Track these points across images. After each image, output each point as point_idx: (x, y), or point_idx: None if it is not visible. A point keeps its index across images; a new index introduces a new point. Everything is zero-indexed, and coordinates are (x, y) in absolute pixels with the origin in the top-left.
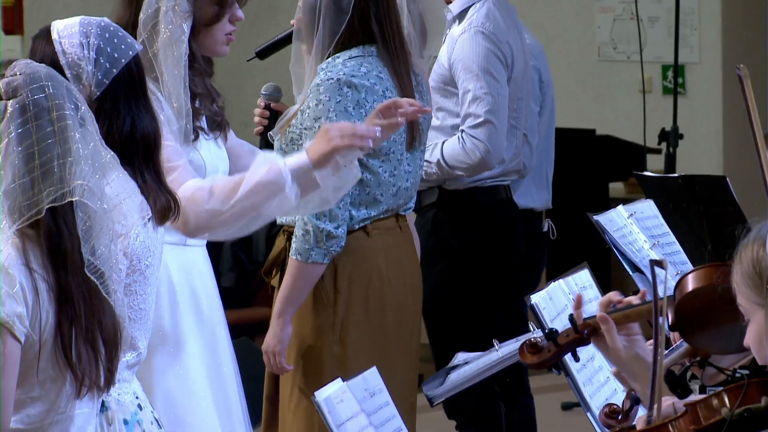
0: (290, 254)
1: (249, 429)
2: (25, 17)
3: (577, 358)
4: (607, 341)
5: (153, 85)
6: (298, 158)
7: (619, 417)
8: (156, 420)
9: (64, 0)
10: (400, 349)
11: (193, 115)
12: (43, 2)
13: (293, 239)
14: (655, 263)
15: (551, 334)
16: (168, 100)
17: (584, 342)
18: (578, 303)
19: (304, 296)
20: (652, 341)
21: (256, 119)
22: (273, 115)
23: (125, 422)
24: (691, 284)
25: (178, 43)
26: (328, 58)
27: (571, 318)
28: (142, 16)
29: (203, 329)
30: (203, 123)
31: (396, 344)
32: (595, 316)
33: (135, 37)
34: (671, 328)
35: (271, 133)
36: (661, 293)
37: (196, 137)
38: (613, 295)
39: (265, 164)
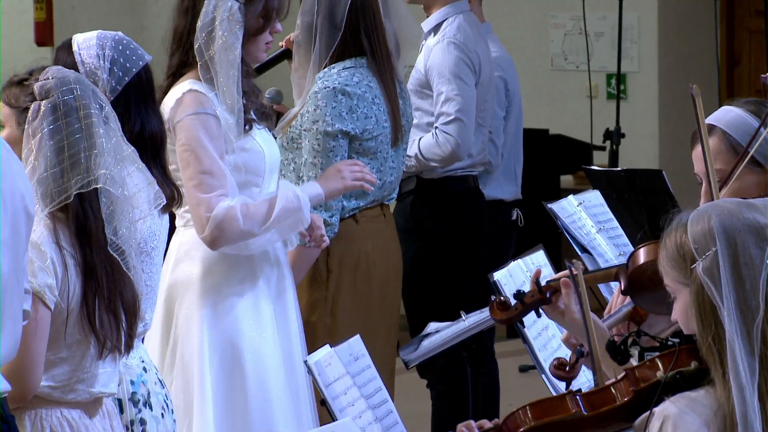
0: None
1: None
2: (55, 31)
3: (539, 315)
4: (565, 301)
5: (207, 86)
6: (312, 190)
7: (567, 369)
8: (160, 381)
9: (89, 16)
10: (383, 320)
11: (244, 111)
12: (71, 18)
13: None
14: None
15: (519, 295)
16: (222, 99)
17: (546, 302)
18: (537, 274)
19: (303, 274)
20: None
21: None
22: (275, 116)
23: (131, 383)
24: (641, 257)
25: (232, 48)
26: (324, 68)
27: (537, 281)
28: (199, 23)
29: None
30: (253, 114)
31: (379, 316)
32: (557, 280)
33: (193, 42)
34: (623, 292)
35: (273, 131)
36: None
37: (250, 128)
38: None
39: (290, 191)
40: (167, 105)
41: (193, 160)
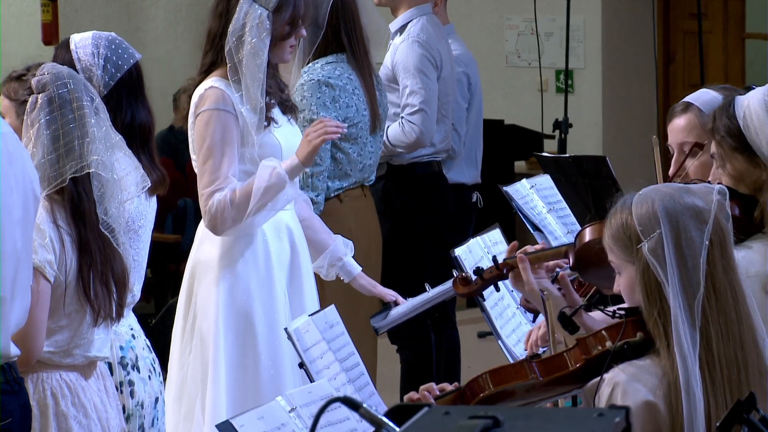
0: None
1: None
2: (60, 31)
3: (498, 289)
4: (523, 277)
5: (224, 82)
6: (291, 161)
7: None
8: (148, 346)
9: (90, 19)
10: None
11: (266, 109)
12: (74, 20)
13: None
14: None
15: (478, 271)
16: (246, 100)
17: (504, 277)
18: (513, 248)
19: None
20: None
21: None
22: None
23: (121, 348)
24: (588, 236)
25: (260, 53)
26: (308, 63)
27: (494, 258)
28: (231, 28)
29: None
30: (275, 112)
31: None
32: (514, 257)
33: (224, 44)
34: (571, 268)
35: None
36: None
37: (268, 125)
38: (528, 248)
39: (268, 169)
40: (193, 98)
41: (202, 153)
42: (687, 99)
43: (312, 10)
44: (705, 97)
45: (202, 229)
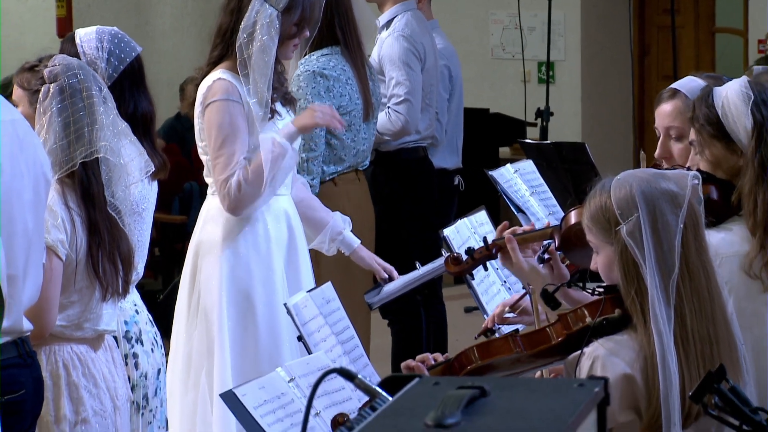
0: None
1: None
2: (74, 25)
3: (486, 269)
4: (511, 257)
5: (231, 74)
6: (288, 128)
7: None
8: (150, 321)
9: (101, 14)
10: (359, 268)
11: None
12: (87, 15)
13: None
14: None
15: (469, 251)
16: (253, 93)
17: (493, 257)
18: (504, 227)
19: None
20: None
21: None
22: None
23: (125, 323)
24: (572, 219)
25: (269, 51)
26: (305, 55)
27: (485, 239)
28: (242, 24)
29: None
30: (278, 105)
31: (356, 264)
32: (503, 239)
33: (234, 39)
34: (557, 248)
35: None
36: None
37: (272, 117)
38: (516, 229)
39: (268, 141)
40: (201, 89)
41: (215, 143)
42: (674, 86)
43: (317, 12)
44: (691, 84)
45: (205, 211)
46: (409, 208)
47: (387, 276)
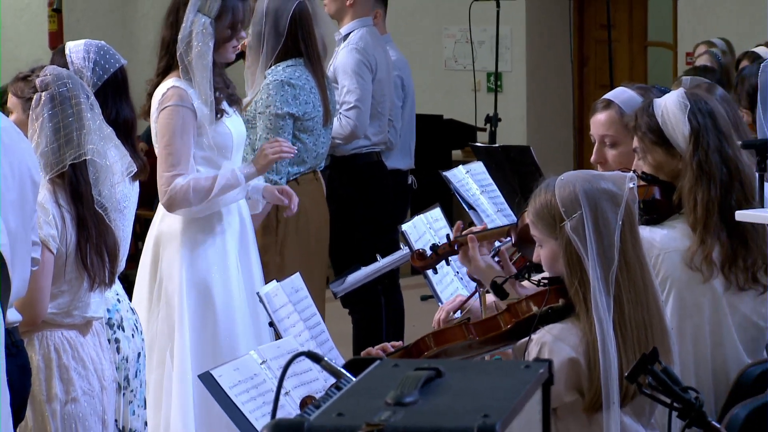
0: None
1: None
2: (65, 38)
3: (447, 263)
4: (470, 253)
5: (183, 82)
6: (249, 168)
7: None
8: (131, 309)
9: (90, 28)
10: (317, 260)
11: (216, 102)
12: (76, 29)
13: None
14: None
15: (434, 247)
16: (198, 94)
17: (455, 253)
18: (458, 227)
19: (258, 223)
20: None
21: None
22: (240, 53)
23: (108, 310)
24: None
25: (205, 56)
26: (271, 66)
27: (448, 237)
28: (180, 35)
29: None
30: (225, 105)
31: (315, 257)
32: (464, 236)
33: (176, 50)
34: (513, 245)
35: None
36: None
37: (221, 116)
38: (474, 228)
39: (230, 170)
40: (156, 97)
41: (163, 142)
42: (607, 96)
43: (247, 15)
44: (623, 95)
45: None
46: (363, 212)
47: (288, 201)
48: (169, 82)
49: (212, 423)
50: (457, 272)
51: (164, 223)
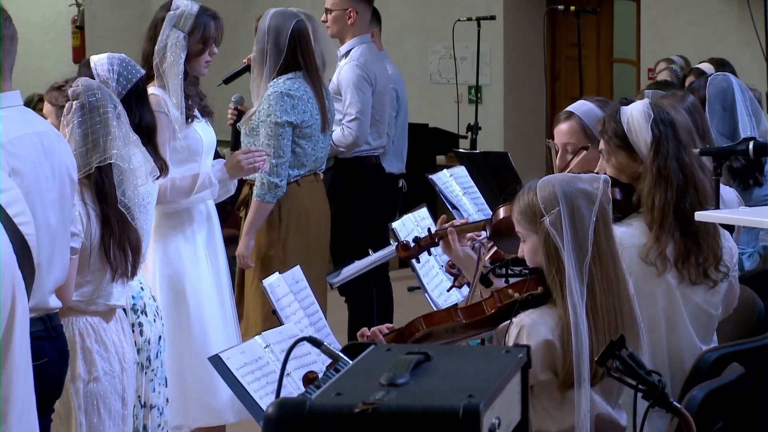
0: (253, 197)
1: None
2: (87, 53)
3: (430, 253)
4: (450, 244)
5: (161, 90)
6: (224, 173)
7: (455, 270)
8: (152, 297)
9: (110, 44)
10: (318, 254)
11: (187, 108)
12: (97, 44)
13: (254, 188)
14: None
15: (416, 239)
16: (171, 99)
17: (435, 244)
18: (442, 221)
19: (261, 222)
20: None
21: (229, 115)
22: (239, 113)
23: (132, 297)
24: (501, 214)
25: (177, 65)
26: (273, 79)
27: (429, 230)
28: (156, 47)
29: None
30: (196, 112)
31: (315, 251)
32: (444, 229)
33: (153, 60)
34: (488, 238)
35: (238, 124)
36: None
37: (192, 121)
38: (454, 222)
39: (206, 174)
40: None
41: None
42: (569, 108)
43: (218, 31)
44: (583, 107)
45: None
46: (362, 210)
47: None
48: (149, 90)
49: (188, 405)
50: (442, 266)
51: None
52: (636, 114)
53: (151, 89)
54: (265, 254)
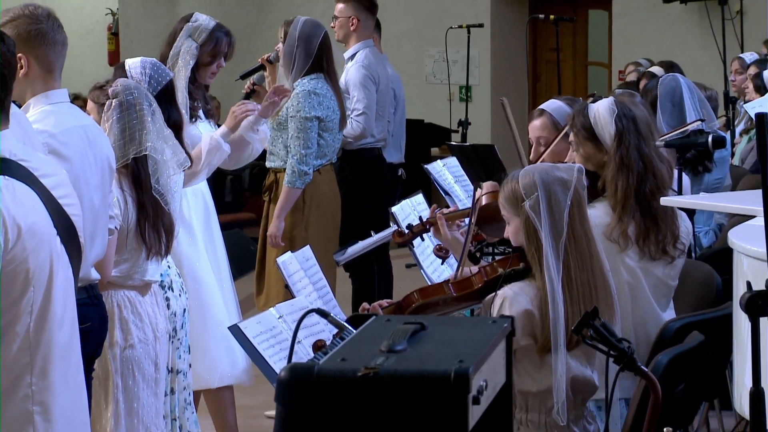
0: (284, 183)
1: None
2: (121, 57)
3: (423, 239)
4: (440, 230)
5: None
6: (222, 130)
7: (443, 251)
8: (177, 274)
9: (142, 50)
10: (333, 234)
11: (191, 109)
12: (130, 49)
13: (286, 175)
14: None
15: (410, 226)
16: (179, 99)
17: (427, 231)
18: (432, 210)
19: (290, 206)
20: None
21: (245, 88)
22: (253, 91)
23: (161, 275)
24: (484, 202)
25: (186, 70)
26: (298, 79)
27: (420, 218)
28: (171, 52)
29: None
30: (200, 113)
31: (331, 232)
32: (434, 217)
33: (166, 64)
34: (475, 224)
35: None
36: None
37: (195, 120)
38: (444, 210)
39: (207, 137)
40: None
41: None
42: (541, 106)
43: (229, 48)
44: (553, 105)
45: None
46: (366, 200)
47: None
48: None
49: (197, 370)
50: (433, 252)
51: None
52: (602, 110)
53: None
54: (290, 234)
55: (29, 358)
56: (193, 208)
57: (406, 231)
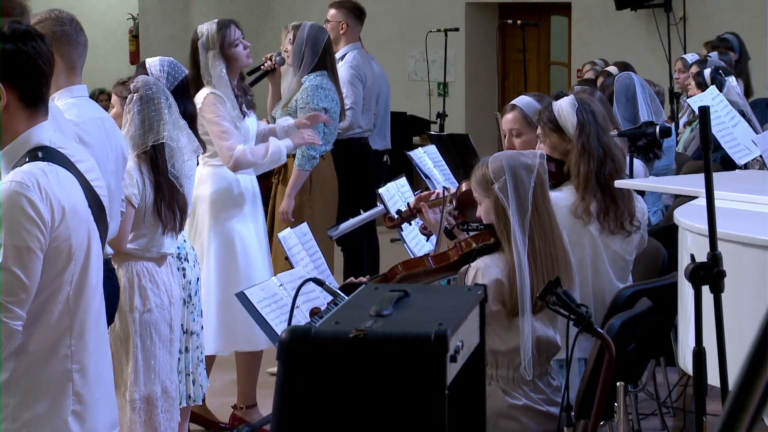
0: (295, 166)
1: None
2: (141, 56)
3: (410, 223)
4: (424, 214)
5: (211, 88)
6: (289, 143)
7: (427, 230)
8: (192, 248)
9: (161, 50)
10: (333, 211)
11: (238, 106)
12: (150, 50)
13: (296, 159)
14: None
15: (399, 212)
16: (227, 100)
17: (414, 216)
18: (419, 198)
19: (300, 186)
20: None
21: (265, 63)
22: (269, 70)
23: (178, 247)
24: (463, 188)
25: (223, 78)
26: (305, 74)
27: (408, 204)
28: (202, 71)
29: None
30: (244, 108)
31: (332, 209)
32: (419, 204)
33: (201, 82)
34: (455, 207)
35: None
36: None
37: (244, 117)
38: (425, 195)
39: (277, 146)
40: (198, 98)
41: (216, 127)
42: (513, 102)
43: (241, 29)
44: (524, 100)
45: (198, 176)
46: (356, 183)
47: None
48: (205, 91)
49: (233, 333)
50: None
51: (199, 189)
52: (564, 104)
53: (206, 90)
54: (299, 212)
55: (69, 322)
56: (245, 193)
57: (396, 217)
